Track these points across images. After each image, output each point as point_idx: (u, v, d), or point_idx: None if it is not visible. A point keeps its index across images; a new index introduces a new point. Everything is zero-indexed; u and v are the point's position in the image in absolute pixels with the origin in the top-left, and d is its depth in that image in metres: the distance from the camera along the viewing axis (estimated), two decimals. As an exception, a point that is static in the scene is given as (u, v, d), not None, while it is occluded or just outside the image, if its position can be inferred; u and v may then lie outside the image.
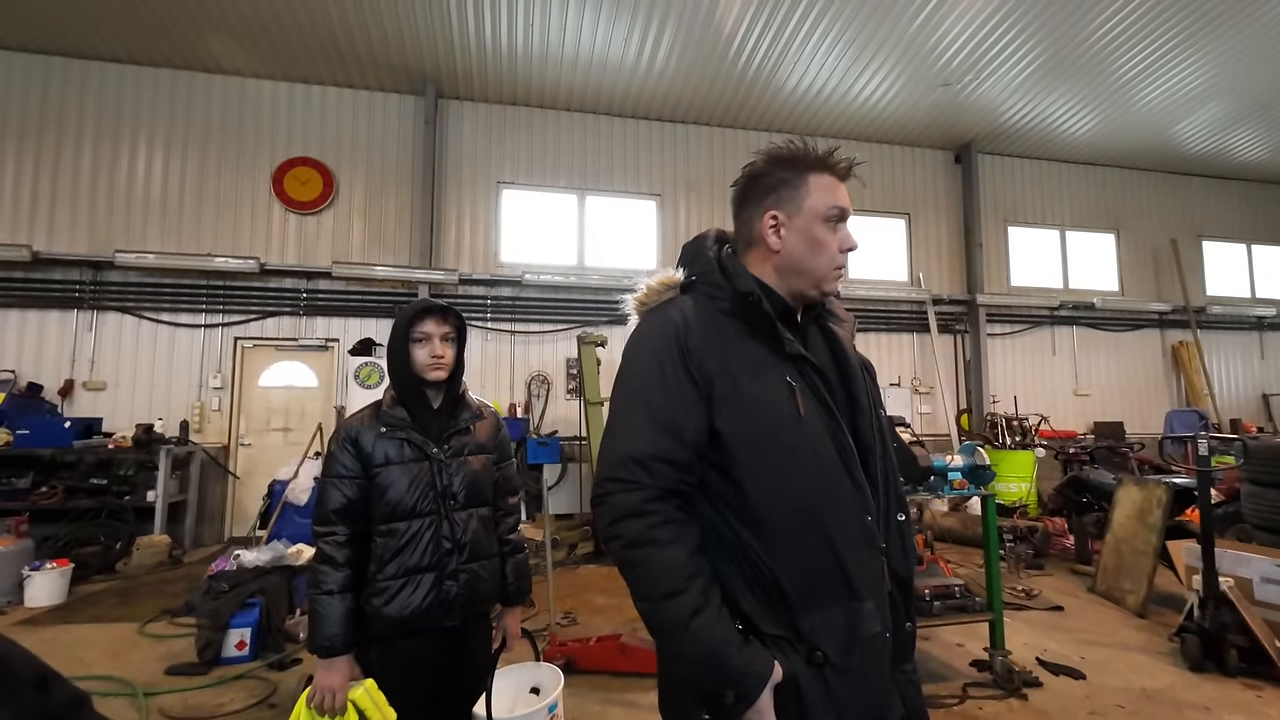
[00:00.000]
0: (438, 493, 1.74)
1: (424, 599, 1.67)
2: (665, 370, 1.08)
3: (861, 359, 1.23)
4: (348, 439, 1.71)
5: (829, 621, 1.03)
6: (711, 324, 1.11)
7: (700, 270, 1.20)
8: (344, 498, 1.67)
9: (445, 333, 1.79)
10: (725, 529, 1.07)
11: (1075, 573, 5.34)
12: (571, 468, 7.62)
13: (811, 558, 1.04)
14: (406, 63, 7.28)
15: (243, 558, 3.99)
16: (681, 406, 1.06)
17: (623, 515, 1.04)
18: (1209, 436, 3.70)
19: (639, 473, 1.04)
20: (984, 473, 3.32)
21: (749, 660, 0.98)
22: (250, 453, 7.17)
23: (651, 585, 1.01)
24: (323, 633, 1.59)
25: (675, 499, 1.06)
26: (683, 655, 1.01)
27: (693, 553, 1.03)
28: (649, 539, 1.02)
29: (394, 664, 1.67)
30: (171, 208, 7.20)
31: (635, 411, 1.09)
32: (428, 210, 7.64)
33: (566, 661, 3.36)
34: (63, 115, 7.03)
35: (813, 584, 1.04)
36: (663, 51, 7.13)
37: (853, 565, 1.05)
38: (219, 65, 7.29)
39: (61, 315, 6.77)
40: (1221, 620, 3.37)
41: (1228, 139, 9.35)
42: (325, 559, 1.64)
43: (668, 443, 1.05)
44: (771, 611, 1.04)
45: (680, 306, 1.14)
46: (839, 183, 1.16)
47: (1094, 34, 6.80)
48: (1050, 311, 9.63)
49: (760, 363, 1.09)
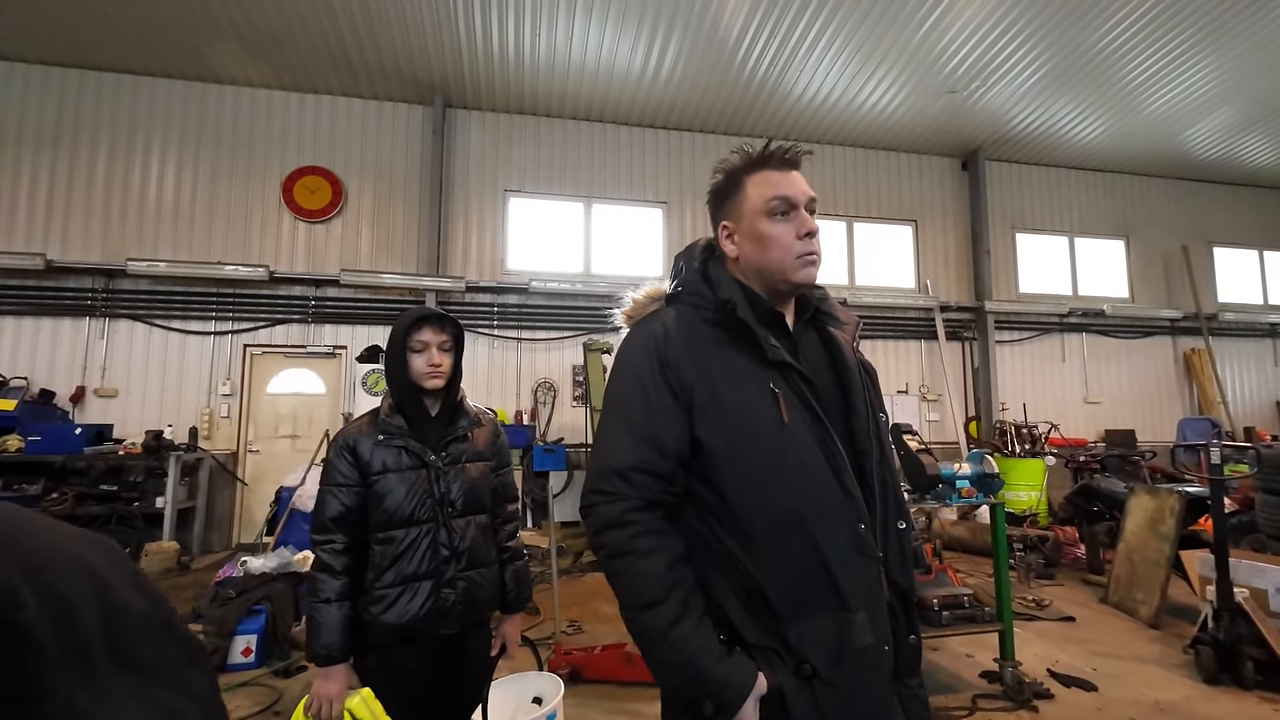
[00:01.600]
0: (435, 500, 1.73)
1: (422, 607, 1.67)
2: (645, 383, 1.10)
3: (862, 361, 1.21)
4: (345, 447, 1.71)
5: (817, 632, 1.02)
6: (693, 334, 1.12)
7: (685, 280, 1.21)
8: (342, 505, 1.67)
9: (443, 341, 1.79)
10: (711, 537, 1.07)
11: (1087, 583, 5.27)
12: (577, 475, 7.58)
13: (798, 567, 1.03)
14: (415, 73, 7.35)
15: (250, 564, 4.00)
16: (662, 418, 1.08)
17: (605, 526, 1.07)
18: (1222, 445, 3.66)
19: (620, 484, 1.06)
20: (993, 481, 3.29)
21: (727, 671, 0.98)
22: (258, 459, 7.21)
23: (633, 594, 1.03)
24: (320, 640, 1.59)
25: (658, 509, 1.07)
26: (662, 664, 1.02)
27: (673, 563, 1.04)
28: (629, 549, 1.04)
29: (391, 672, 1.67)
30: (183, 216, 7.29)
31: (617, 424, 1.11)
32: (435, 218, 7.69)
33: (572, 670, 3.34)
34: (78, 126, 7.14)
35: (800, 594, 1.02)
36: (669, 61, 7.17)
37: (842, 575, 1.03)
38: (231, 76, 7.39)
39: (74, 323, 6.85)
40: (1237, 632, 3.32)
41: (1238, 145, 9.28)
42: (323, 567, 1.64)
43: (648, 454, 1.07)
44: (758, 621, 1.03)
45: (663, 318, 1.16)
46: (782, 173, 1.14)
47: (1101, 40, 6.78)
48: (1059, 318, 9.56)
49: (742, 371, 1.09)
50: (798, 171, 1.15)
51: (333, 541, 1.66)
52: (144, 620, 0.49)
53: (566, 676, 3.31)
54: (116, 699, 0.44)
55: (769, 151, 1.15)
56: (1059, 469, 7.83)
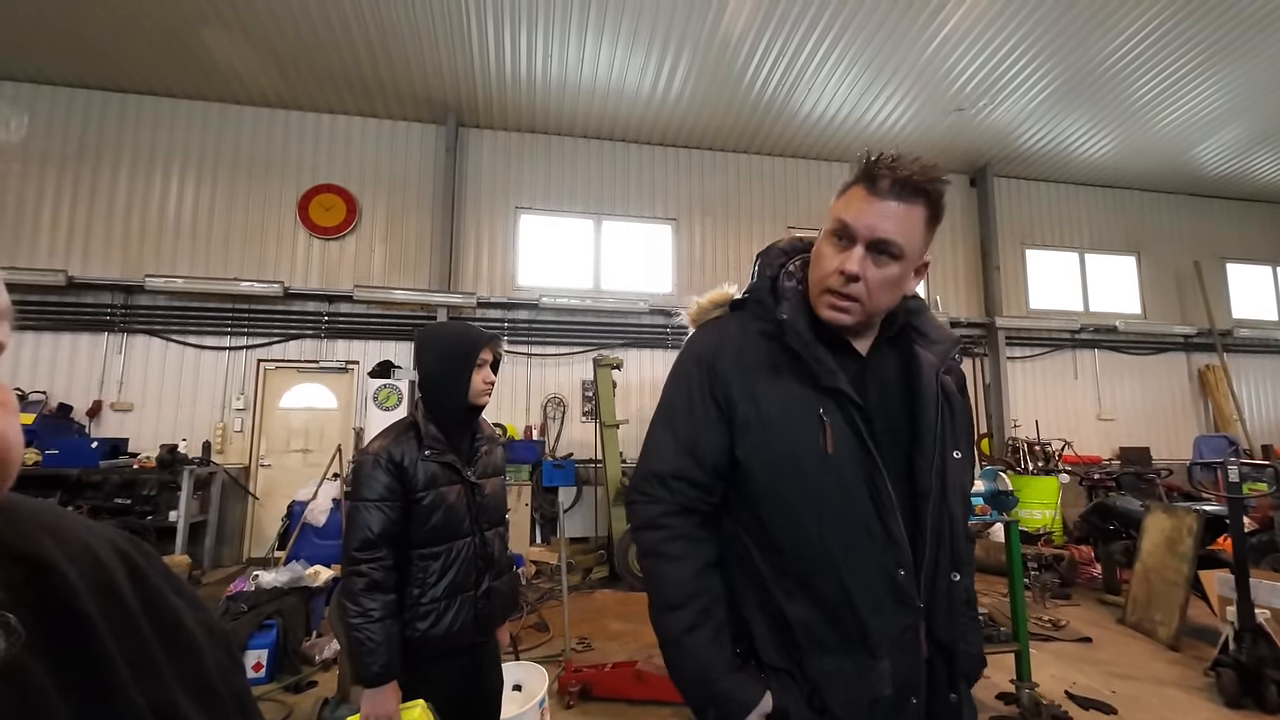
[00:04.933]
0: (472, 514, 1.79)
1: (465, 617, 1.71)
2: (692, 392, 1.09)
3: (948, 389, 1.08)
4: (390, 461, 1.67)
5: (836, 671, 0.98)
6: (747, 348, 1.07)
7: (753, 288, 1.15)
8: (388, 520, 1.63)
9: (492, 359, 1.87)
10: (744, 552, 1.07)
11: (1103, 603, 5.19)
12: (587, 490, 7.60)
13: (824, 603, 0.99)
14: (429, 93, 7.49)
15: (261, 579, 4.01)
16: (703, 428, 1.07)
17: (642, 525, 1.09)
18: (1240, 462, 3.61)
19: (659, 489, 1.08)
20: (1007, 498, 3.26)
21: (734, 686, 0.98)
22: (270, 473, 7.25)
23: (656, 594, 1.06)
24: (378, 660, 1.54)
25: (694, 516, 1.08)
26: (673, 667, 1.04)
27: (701, 571, 1.04)
28: (658, 552, 1.06)
29: (429, 686, 1.67)
30: (201, 233, 7.42)
31: (663, 430, 1.12)
32: (447, 235, 7.79)
33: (582, 688, 3.32)
34: (100, 146, 7.30)
35: (823, 630, 0.99)
36: (678, 80, 7.27)
37: (870, 619, 0.97)
38: (249, 97, 7.55)
39: (93, 338, 6.96)
40: (1259, 654, 3.25)
41: (1249, 161, 9.25)
42: (372, 585, 1.59)
43: (687, 462, 1.07)
44: (779, 644, 1.02)
45: (722, 326, 1.14)
46: (864, 196, 0.97)
47: (1109, 57, 6.81)
48: (1071, 334, 9.50)
49: (791, 393, 1.02)
50: (901, 204, 0.95)
51: (381, 557, 1.61)
52: (184, 612, 0.51)
53: (577, 694, 3.29)
54: (169, 683, 0.46)
55: (868, 167, 0.98)
56: (1073, 487, 7.73)
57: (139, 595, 0.48)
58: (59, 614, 0.41)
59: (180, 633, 0.50)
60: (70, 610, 0.42)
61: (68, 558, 0.44)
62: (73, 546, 0.45)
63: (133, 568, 0.49)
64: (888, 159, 0.96)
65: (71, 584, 0.43)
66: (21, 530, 0.43)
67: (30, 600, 0.40)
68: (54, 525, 0.45)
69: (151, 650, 0.46)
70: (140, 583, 0.48)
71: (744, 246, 8.69)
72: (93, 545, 0.47)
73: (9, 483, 0.40)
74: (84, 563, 0.45)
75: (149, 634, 0.47)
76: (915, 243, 0.98)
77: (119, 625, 0.44)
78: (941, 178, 0.97)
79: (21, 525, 0.43)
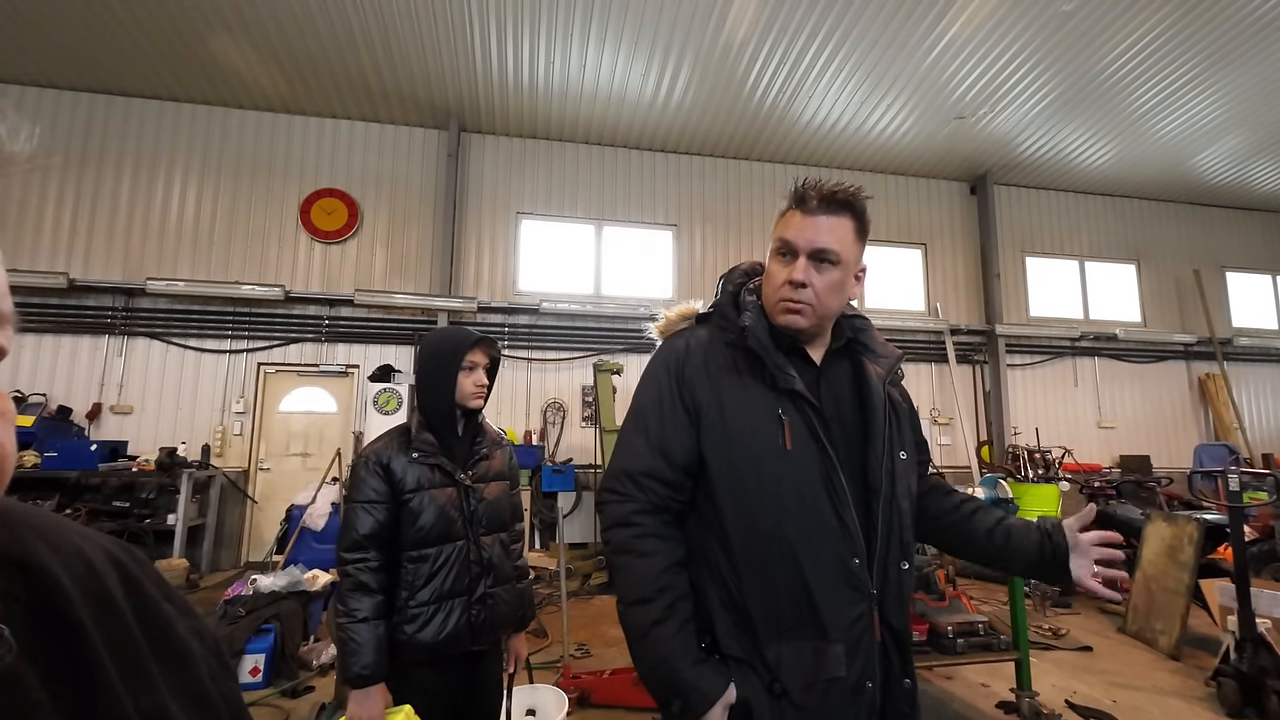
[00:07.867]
0: (466, 517, 1.76)
1: (456, 624, 1.68)
2: (663, 395, 1.16)
3: (894, 398, 1.20)
4: (378, 464, 1.69)
5: (793, 655, 1.05)
6: (712, 355, 1.18)
7: (717, 303, 1.26)
8: (375, 522, 1.65)
9: (487, 364, 1.85)
10: (708, 550, 1.13)
11: (1104, 612, 5.17)
12: (586, 496, 7.58)
13: (782, 591, 1.06)
14: (431, 98, 7.52)
15: (259, 583, 4.00)
16: (673, 430, 1.14)
17: (613, 523, 1.14)
18: (1240, 471, 3.61)
19: (630, 487, 1.13)
20: (1007, 506, 3.26)
21: (698, 677, 1.03)
22: (269, 477, 7.24)
23: (625, 589, 1.10)
24: (360, 661, 1.55)
25: (664, 514, 1.13)
26: (640, 659, 1.08)
27: (669, 567, 1.09)
28: (629, 548, 1.10)
29: (417, 692, 1.65)
30: (202, 237, 7.43)
31: (634, 432, 1.18)
32: (448, 240, 7.80)
33: (580, 695, 3.31)
34: (103, 149, 7.33)
35: (781, 617, 1.06)
36: (680, 87, 7.30)
37: (825, 605, 1.05)
38: (251, 101, 7.58)
39: (93, 340, 6.96)
40: (1260, 664, 3.24)
41: (1249, 170, 9.28)
42: (357, 585, 1.61)
43: (658, 462, 1.13)
44: (739, 637, 1.08)
45: (689, 336, 1.22)
46: (799, 215, 1.12)
47: (1109, 67, 6.84)
48: (1071, 342, 9.51)
49: (753, 395, 1.12)
50: (830, 217, 1.11)
51: (366, 559, 1.63)
52: (176, 619, 0.51)
53: (576, 701, 3.28)
54: (160, 690, 0.46)
55: (797, 190, 1.14)
56: (1073, 495, 7.71)
57: (132, 602, 0.47)
58: (52, 620, 0.41)
59: (172, 640, 0.50)
60: (63, 617, 0.42)
61: (61, 564, 0.44)
62: (66, 552, 0.45)
63: (125, 574, 0.49)
64: (812, 182, 1.12)
65: (65, 590, 0.42)
66: (15, 535, 0.42)
67: (23, 606, 0.39)
68: (47, 531, 0.45)
69: (143, 657, 0.46)
70: (133, 589, 0.48)
71: (744, 253, 8.71)
72: (86, 551, 0.47)
73: (2, 490, 0.40)
74: (77, 569, 0.45)
75: (141, 641, 0.46)
76: (849, 250, 1.12)
77: (112, 632, 0.44)
78: (861, 195, 1.14)
79: (15, 530, 0.43)
